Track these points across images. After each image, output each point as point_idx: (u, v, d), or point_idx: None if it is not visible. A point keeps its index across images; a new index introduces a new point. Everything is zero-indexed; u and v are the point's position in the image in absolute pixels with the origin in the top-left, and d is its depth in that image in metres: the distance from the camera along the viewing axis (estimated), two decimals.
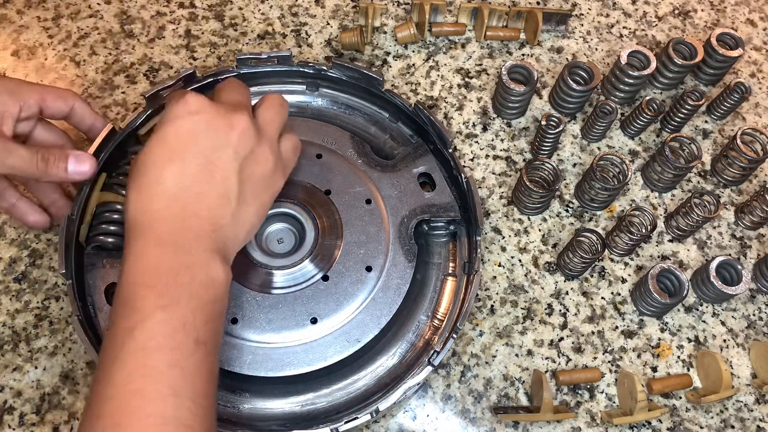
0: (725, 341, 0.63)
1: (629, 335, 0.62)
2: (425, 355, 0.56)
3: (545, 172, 0.65)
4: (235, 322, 0.55)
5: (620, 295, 0.64)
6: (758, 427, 0.59)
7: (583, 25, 0.79)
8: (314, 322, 0.56)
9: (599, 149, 0.72)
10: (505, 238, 0.66)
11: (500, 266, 0.65)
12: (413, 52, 0.76)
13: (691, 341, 0.63)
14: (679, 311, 0.64)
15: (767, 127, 0.74)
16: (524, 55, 0.77)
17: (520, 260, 0.65)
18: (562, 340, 0.62)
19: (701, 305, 0.64)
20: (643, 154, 0.72)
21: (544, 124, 0.66)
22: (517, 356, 0.61)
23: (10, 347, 0.58)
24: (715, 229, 0.68)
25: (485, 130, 0.72)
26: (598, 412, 0.59)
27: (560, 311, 0.63)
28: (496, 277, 0.64)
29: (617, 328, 0.63)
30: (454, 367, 0.60)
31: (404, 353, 0.58)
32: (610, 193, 0.65)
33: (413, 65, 0.75)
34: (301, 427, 0.52)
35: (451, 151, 0.62)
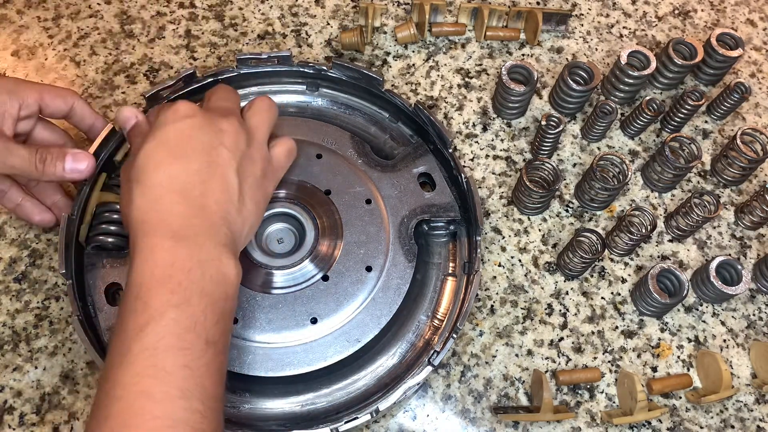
0: (725, 341, 0.63)
1: (629, 335, 0.62)
2: (425, 355, 0.56)
3: (545, 172, 0.65)
4: (235, 322, 0.55)
5: (620, 295, 0.64)
6: (758, 427, 0.59)
7: (583, 25, 0.79)
8: (314, 322, 0.56)
9: (599, 149, 0.72)
10: (505, 238, 0.66)
11: (500, 266, 0.65)
12: (413, 52, 0.76)
13: (691, 341, 0.63)
14: (679, 311, 0.64)
15: (767, 127, 0.74)
16: (524, 55, 0.77)
17: (520, 260, 0.65)
18: (562, 340, 0.62)
19: (701, 305, 0.64)
20: (643, 154, 0.72)
21: (544, 124, 0.66)
22: (517, 356, 0.61)
23: (10, 347, 0.58)
24: (715, 229, 0.68)
25: (485, 130, 0.72)
26: (598, 412, 0.59)
27: (560, 311, 0.63)
28: (496, 277, 0.64)
29: (617, 328, 0.63)
30: (454, 367, 0.60)
31: (404, 353, 0.58)
32: (610, 193, 0.65)
33: (413, 65, 0.75)
34: (301, 427, 0.52)
35: (451, 151, 0.62)
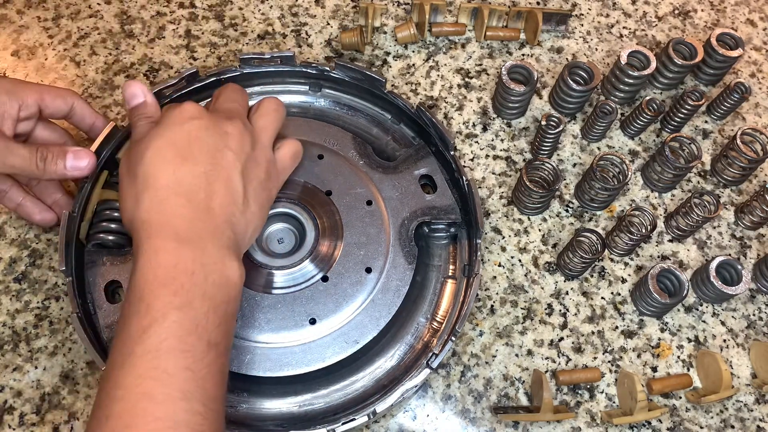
0: (725, 341, 0.63)
1: (629, 335, 0.62)
2: (424, 357, 0.56)
3: (545, 172, 0.65)
4: None
5: (620, 295, 0.64)
6: (758, 427, 0.59)
7: (583, 25, 0.79)
8: (313, 322, 0.56)
9: (599, 149, 0.72)
10: (505, 238, 0.66)
11: (500, 266, 0.65)
12: (413, 52, 0.76)
13: (691, 341, 0.63)
14: (679, 311, 0.64)
15: (767, 127, 0.74)
16: (524, 55, 0.77)
17: (520, 260, 0.65)
18: (562, 340, 0.62)
19: (701, 305, 0.64)
20: (643, 154, 0.72)
21: (544, 124, 0.66)
22: (517, 356, 0.61)
23: (10, 347, 0.58)
24: (715, 229, 0.68)
25: (485, 130, 0.72)
26: (598, 412, 0.59)
27: (560, 311, 0.63)
28: (496, 277, 0.64)
29: (617, 328, 0.63)
30: (454, 367, 0.60)
31: (403, 355, 0.58)
32: (610, 193, 0.65)
33: (413, 65, 0.75)
34: (298, 427, 0.52)
35: (452, 153, 0.62)
